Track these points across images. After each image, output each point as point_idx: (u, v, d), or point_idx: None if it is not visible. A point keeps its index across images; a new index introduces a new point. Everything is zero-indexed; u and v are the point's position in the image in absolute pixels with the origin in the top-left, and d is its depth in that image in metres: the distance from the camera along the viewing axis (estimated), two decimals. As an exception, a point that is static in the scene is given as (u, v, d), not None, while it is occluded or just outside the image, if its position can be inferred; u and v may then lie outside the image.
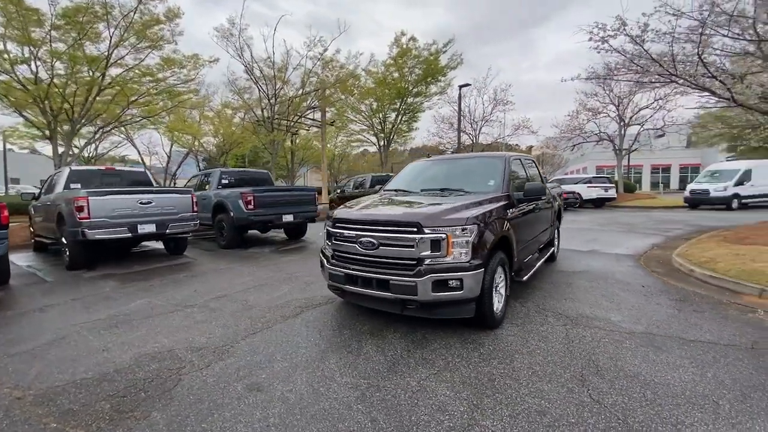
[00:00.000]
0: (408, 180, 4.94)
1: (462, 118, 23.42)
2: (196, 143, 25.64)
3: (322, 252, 4.01)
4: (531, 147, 41.82)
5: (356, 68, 19.16)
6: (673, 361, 2.80)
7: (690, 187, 17.99)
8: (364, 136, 26.66)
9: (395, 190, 4.76)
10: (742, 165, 17.38)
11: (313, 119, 18.24)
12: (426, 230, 3.14)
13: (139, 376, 2.73)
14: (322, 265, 3.90)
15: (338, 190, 16.39)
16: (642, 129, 23.04)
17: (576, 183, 19.12)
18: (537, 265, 4.88)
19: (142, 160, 26.85)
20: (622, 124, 22.85)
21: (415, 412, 2.24)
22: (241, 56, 17.82)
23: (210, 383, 2.62)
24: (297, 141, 25.50)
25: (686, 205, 17.67)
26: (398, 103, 22.85)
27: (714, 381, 2.52)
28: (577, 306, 4.10)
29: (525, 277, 4.30)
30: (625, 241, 8.34)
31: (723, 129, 27.42)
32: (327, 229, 3.90)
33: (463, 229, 3.16)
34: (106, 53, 13.78)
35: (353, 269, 3.45)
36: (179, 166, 27.67)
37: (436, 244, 3.13)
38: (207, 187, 9.29)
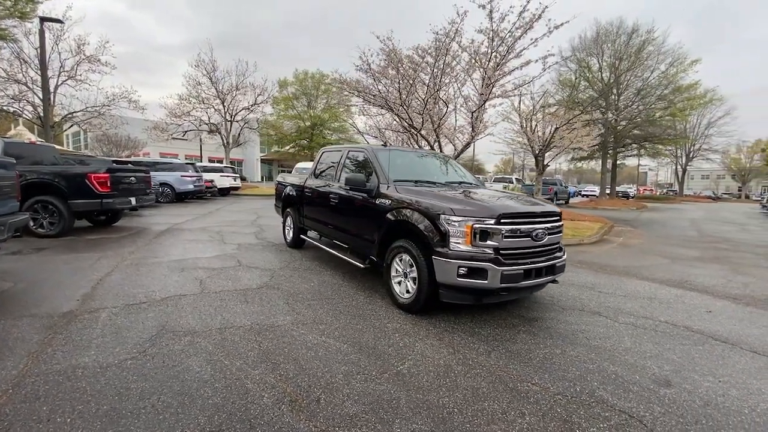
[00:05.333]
0: (412, 172, 4.60)
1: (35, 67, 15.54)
2: None
3: (470, 258, 3.24)
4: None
5: None
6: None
7: (288, 178, 23.48)
8: None
9: (414, 182, 4.32)
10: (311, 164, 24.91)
11: None
12: (561, 217, 3.90)
13: None
14: (467, 274, 3.23)
15: None
16: (242, 127, 26.10)
17: (212, 172, 19.10)
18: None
19: None
20: (227, 118, 24.75)
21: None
22: None
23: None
24: None
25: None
26: None
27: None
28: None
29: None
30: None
31: (276, 133, 36.71)
32: (474, 228, 3.24)
33: (557, 215, 4.21)
34: None
35: (530, 263, 3.42)
36: None
37: (562, 228, 3.97)
38: None
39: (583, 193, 40.75)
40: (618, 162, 28.62)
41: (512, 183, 25.20)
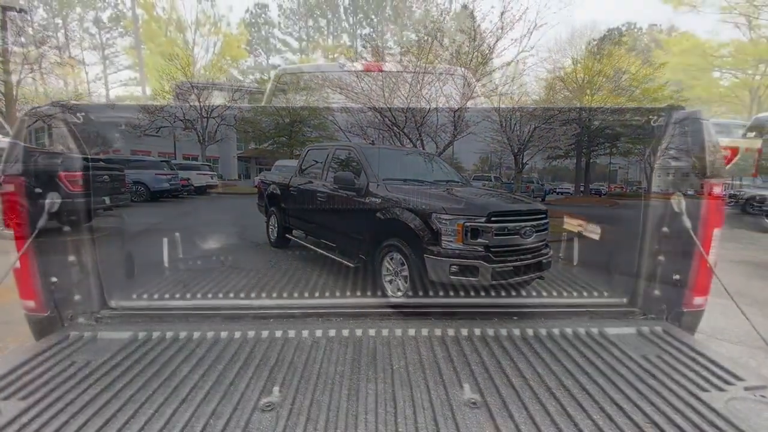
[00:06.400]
0: (401, 170, 4.68)
1: None
2: None
3: (466, 256, 3.28)
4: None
5: None
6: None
7: (269, 176, 23.18)
8: None
9: (403, 180, 4.35)
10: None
11: None
12: (547, 215, 4.00)
13: None
14: (467, 273, 3.27)
15: None
16: (219, 124, 25.42)
17: (188, 170, 18.55)
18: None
19: None
20: (203, 114, 24.05)
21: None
22: None
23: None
24: None
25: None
26: None
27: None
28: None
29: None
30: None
31: (253, 130, 35.95)
32: (465, 226, 3.28)
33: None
34: None
35: (519, 260, 3.50)
36: None
37: (548, 225, 4.07)
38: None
39: (557, 190, 42.02)
40: (590, 160, 29.61)
41: (491, 181, 25.70)
